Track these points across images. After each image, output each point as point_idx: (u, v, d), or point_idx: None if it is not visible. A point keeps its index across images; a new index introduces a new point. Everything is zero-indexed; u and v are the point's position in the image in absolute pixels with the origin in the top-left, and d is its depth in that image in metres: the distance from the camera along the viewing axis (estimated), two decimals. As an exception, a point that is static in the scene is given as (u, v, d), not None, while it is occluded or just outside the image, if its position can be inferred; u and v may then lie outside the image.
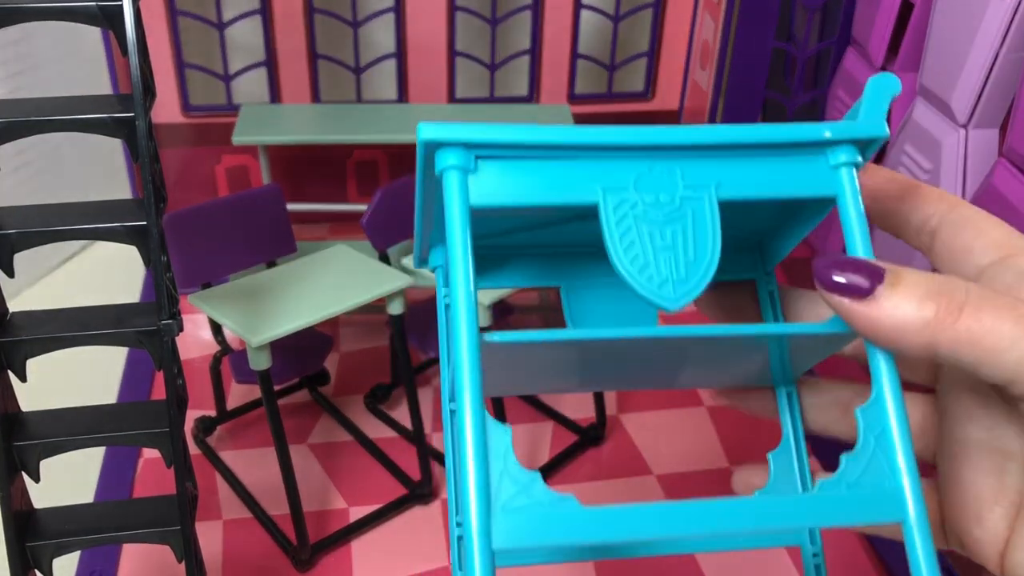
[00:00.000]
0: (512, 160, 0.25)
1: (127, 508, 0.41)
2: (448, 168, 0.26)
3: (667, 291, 0.26)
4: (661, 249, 0.26)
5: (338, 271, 0.52)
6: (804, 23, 0.73)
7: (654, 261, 0.26)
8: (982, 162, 0.53)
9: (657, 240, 0.26)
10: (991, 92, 0.51)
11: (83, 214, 0.35)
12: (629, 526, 0.25)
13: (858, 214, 0.27)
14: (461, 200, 0.25)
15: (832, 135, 0.26)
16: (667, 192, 0.26)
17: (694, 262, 0.26)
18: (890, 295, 0.25)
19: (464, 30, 0.76)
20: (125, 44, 0.33)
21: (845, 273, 0.26)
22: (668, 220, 0.26)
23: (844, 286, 0.26)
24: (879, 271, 0.25)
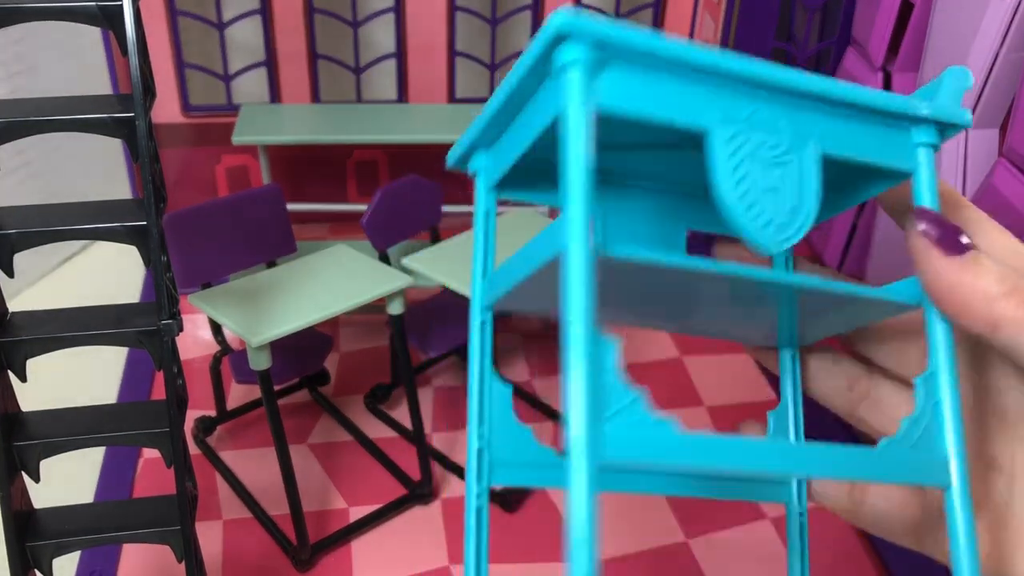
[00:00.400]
0: (638, 69, 0.24)
1: (127, 508, 0.41)
2: (573, 62, 0.23)
3: (769, 233, 0.26)
4: (768, 190, 0.26)
5: (338, 271, 0.52)
6: (804, 23, 0.73)
7: (760, 200, 0.26)
8: (982, 162, 0.53)
9: (762, 181, 0.26)
10: (991, 92, 0.51)
11: (83, 214, 0.35)
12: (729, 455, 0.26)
13: (931, 193, 0.28)
14: (583, 98, 0.23)
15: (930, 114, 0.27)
16: (775, 135, 0.26)
17: (798, 207, 0.27)
18: (976, 261, 0.26)
19: (464, 30, 0.76)
20: (125, 44, 0.33)
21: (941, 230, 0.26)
22: (776, 163, 0.26)
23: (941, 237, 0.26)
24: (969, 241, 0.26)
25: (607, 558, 0.52)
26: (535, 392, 0.64)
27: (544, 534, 0.53)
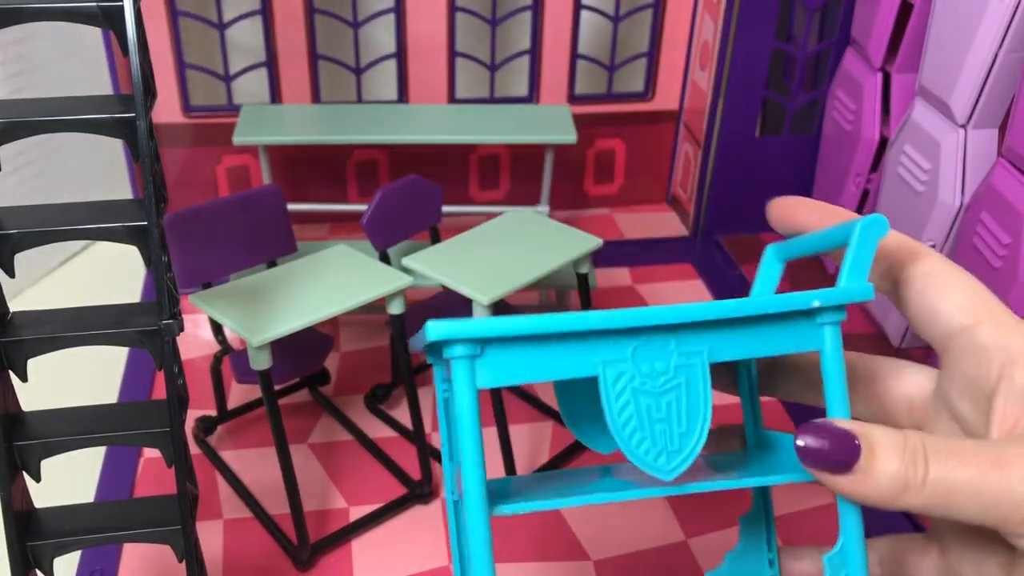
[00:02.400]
0: (514, 348, 0.27)
1: (128, 508, 0.41)
2: (456, 357, 0.27)
3: (662, 463, 0.28)
4: (657, 421, 0.28)
5: (338, 271, 0.52)
6: (804, 23, 0.73)
7: (650, 434, 0.28)
8: (981, 162, 0.53)
9: (653, 412, 0.28)
10: (990, 92, 0.52)
11: (84, 214, 0.35)
12: None
13: (838, 369, 0.29)
14: (469, 384, 0.27)
15: (821, 303, 0.29)
16: (662, 361, 0.28)
17: (687, 433, 0.29)
18: (867, 469, 0.27)
19: (464, 30, 0.76)
20: (126, 44, 0.33)
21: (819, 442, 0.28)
22: (663, 390, 0.28)
23: (823, 460, 0.28)
24: (855, 447, 0.28)
25: (607, 558, 0.52)
26: (535, 392, 0.64)
27: (544, 534, 0.53)
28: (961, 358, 0.30)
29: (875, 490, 0.27)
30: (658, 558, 0.52)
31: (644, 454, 0.28)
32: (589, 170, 0.85)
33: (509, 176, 0.83)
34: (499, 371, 0.27)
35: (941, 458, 0.27)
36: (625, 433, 0.28)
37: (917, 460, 0.27)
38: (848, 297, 0.29)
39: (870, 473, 0.27)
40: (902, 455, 0.27)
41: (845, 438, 0.28)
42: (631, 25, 0.80)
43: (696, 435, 0.29)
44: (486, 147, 0.81)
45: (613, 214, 0.87)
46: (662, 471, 0.28)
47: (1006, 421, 0.29)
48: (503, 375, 0.27)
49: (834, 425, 0.28)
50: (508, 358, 0.27)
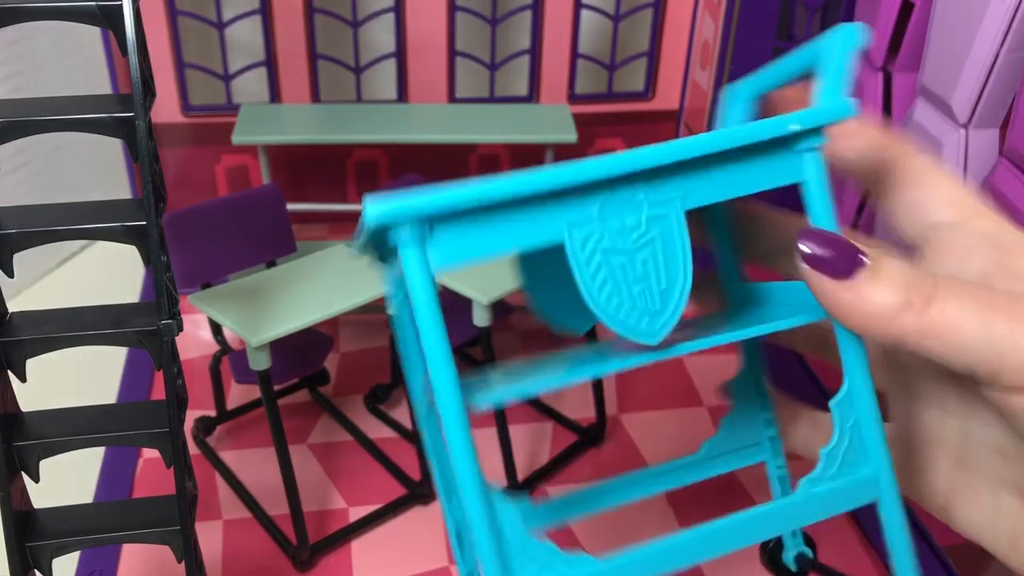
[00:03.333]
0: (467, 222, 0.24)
1: (127, 508, 0.41)
2: (404, 243, 0.24)
3: (644, 325, 0.26)
4: (634, 281, 0.26)
5: (338, 271, 0.52)
6: (804, 23, 0.73)
7: (629, 297, 0.26)
8: (983, 162, 0.53)
9: (629, 272, 0.26)
10: (991, 92, 0.51)
11: (83, 214, 0.35)
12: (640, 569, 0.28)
13: (824, 197, 0.27)
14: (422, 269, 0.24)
15: (801, 126, 0.26)
16: (633, 214, 0.25)
17: (668, 290, 0.26)
18: (868, 281, 0.25)
19: (464, 30, 0.76)
20: (125, 44, 0.33)
21: (828, 250, 0.26)
22: (637, 246, 0.26)
23: (825, 263, 0.26)
24: (860, 256, 0.26)
25: (607, 558, 0.52)
26: (535, 392, 0.64)
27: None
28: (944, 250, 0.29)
29: (872, 306, 0.25)
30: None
31: (625, 318, 0.26)
32: (589, 170, 0.85)
33: (509, 176, 0.83)
34: (453, 250, 0.24)
35: (951, 293, 0.25)
36: (601, 299, 0.25)
37: (924, 287, 0.25)
38: (829, 116, 0.26)
39: (870, 285, 0.25)
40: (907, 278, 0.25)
41: (851, 247, 0.26)
42: (631, 25, 0.79)
43: (678, 291, 0.26)
44: (486, 147, 0.81)
45: (613, 214, 0.87)
46: (646, 334, 0.26)
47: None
48: (458, 254, 0.24)
49: (840, 237, 0.26)
50: (461, 235, 0.24)
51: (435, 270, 0.24)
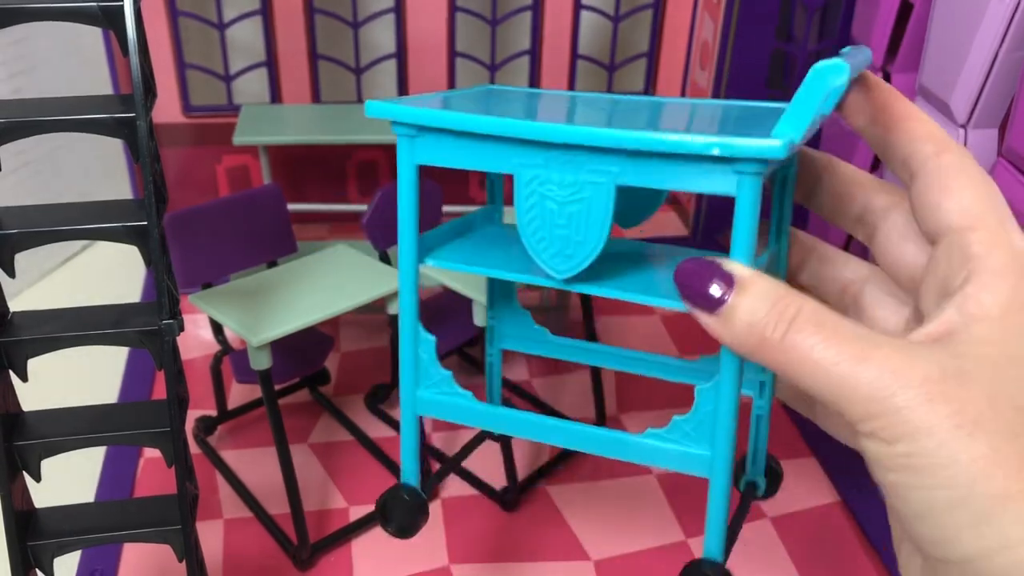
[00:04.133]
0: (446, 136, 0.32)
1: (128, 508, 0.41)
2: (400, 135, 0.33)
3: (557, 262, 0.31)
4: (557, 227, 0.31)
5: (338, 271, 0.52)
6: (804, 23, 0.73)
7: (549, 236, 0.31)
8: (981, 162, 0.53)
9: (556, 218, 0.31)
10: (990, 92, 0.52)
11: (84, 214, 0.35)
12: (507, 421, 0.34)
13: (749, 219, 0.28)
14: (408, 158, 0.33)
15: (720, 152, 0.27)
16: (572, 174, 0.30)
17: (583, 243, 0.31)
18: (729, 313, 0.27)
19: (464, 30, 0.76)
20: (126, 44, 0.33)
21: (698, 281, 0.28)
22: (568, 200, 0.30)
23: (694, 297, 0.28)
24: (729, 283, 0.27)
25: (607, 558, 0.52)
26: (535, 392, 0.64)
27: (544, 534, 0.53)
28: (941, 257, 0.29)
29: (732, 336, 0.27)
30: (658, 558, 0.52)
31: (542, 251, 0.31)
32: (589, 170, 0.85)
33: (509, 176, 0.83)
34: (432, 153, 0.32)
35: (808, 328, 0.26)
36: (529, 230, 0.31)
37: (782, 318, 0.26)
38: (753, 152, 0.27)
39: (732, 317, 0.27)
40: (769, 306, 0.27)
41: (723, 277, 0.27)
42: (631, 25, 0.80)
43: (590, 247, 0.30)
44: (486, 147, 0.81)
45: (613, 214, 0.87)
46: (555, 271, 0.31)
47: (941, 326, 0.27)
48: (436, 157, 0.32)
49: (716, 263, 0.28)
50: (441, 144, 0.32)
51: (416, 161, 0.32)
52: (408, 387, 0.35)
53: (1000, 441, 0.24)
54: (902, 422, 0.25)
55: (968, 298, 0.27)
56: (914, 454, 0.25)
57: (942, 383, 0.25)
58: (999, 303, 0.27)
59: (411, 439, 0.36)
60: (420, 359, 0.35)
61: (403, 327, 0.34)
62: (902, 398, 0.25)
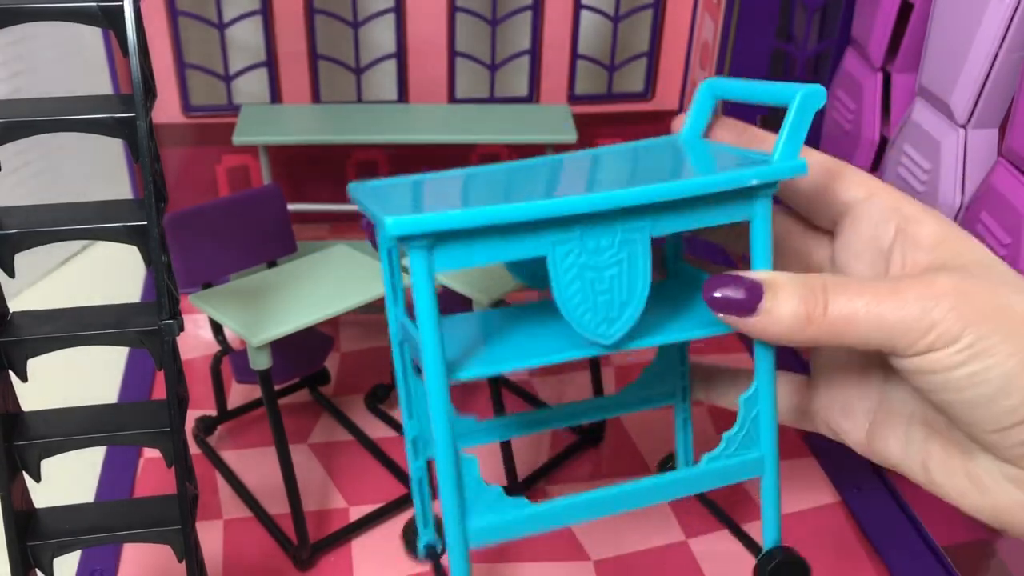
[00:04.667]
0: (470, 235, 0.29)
1: (128, 508, 0.41)
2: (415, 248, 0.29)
3: (602, 329, 0.31)
4: (600, 293, 0.31)
5: (338, 271, 0.52)
6: (804, 23, 0.73)
7: (593, 305, 0.31)
8: (981, 162, 0.53)
9: (597, 285, 0.31)
10: (990, 92, 0.52)
11: (84, 214, 0.35)
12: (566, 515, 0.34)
13: (766, 235, 0.32)
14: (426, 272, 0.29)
15: (759, 181, 0.31)
16: (608, 238, 0.30)
17: (627, 303, 0.31)
18: (771, 307, 0.31)
19: (464, 30, 0.76)
20: (126, 44, 0.33)
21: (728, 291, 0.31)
22: (608, 264, 0.31)
23: (731, 306, 0.31)
24: (758, 285, 0.31)
25: (607, 558, 0.52)
26: (535, 392, 0.64)
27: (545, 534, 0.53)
28: (858, 225, 0.34)
29: (780, 326, 0.31)
30: (658, 558, 0.52)
31: (588, 323, 0.31)
32: (589, 170, 0.85)
33: (509, 176, 0.83)
34: (455, 258, 0.29)
35: (840, 290, 0.30)
36: (571, 304, 0.31)
37: (817, 294, 0.30)
38: (784, 174, 0.31)
39: (774, 311, 0.31)
40: (802, 292, 0.31)
41: (750, 284, 0.31)
42: (631, 25, 0.79)
43: (635, 303, 0.32)
44: (486, 147, 0.81)
45: (613, 214, 0.87)
46: (603, 336, 0.32)
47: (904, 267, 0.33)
48: (458, 261, 0.29)
49: (739, 274, 0.31)
50: (463, 245, 0.29)
51: (436, 270, 0.29)
52: (454, 519, 0.31)
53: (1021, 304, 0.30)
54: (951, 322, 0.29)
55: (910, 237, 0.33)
56: (973, 343, 0.29)
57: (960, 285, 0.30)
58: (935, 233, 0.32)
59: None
60: (465, 484, 0.31)
61: (440, 453, 0.31)
62: (945, 304, 0.29)
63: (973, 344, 0.29)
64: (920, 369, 0.30)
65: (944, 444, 0.33)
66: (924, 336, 0.30)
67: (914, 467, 0.34)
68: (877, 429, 0.35)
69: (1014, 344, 0.29)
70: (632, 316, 0.32)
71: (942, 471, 0.33)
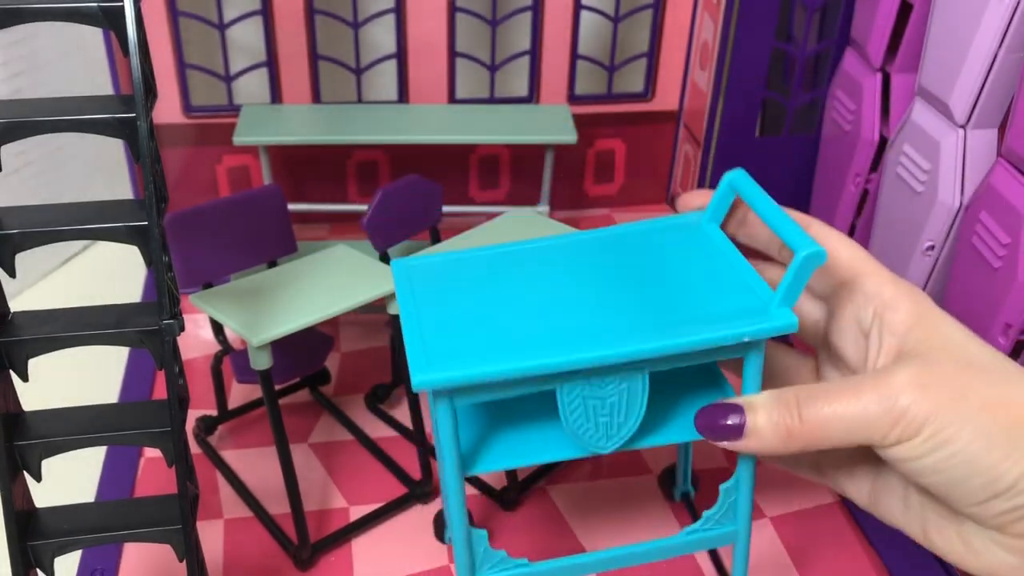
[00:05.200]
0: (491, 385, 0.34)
1: (128, 507, 0.41)
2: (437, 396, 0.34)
3: (600, 443, 0.37)
4: (600, 415, 0.36)
5: (338, 271, 0.53)
6: (804, 23, 0.73)
7: (594, 425, 0.36)
8: (981, 163, 0.53)
9: (599, 410, 0.35)
10: (990, 92, 0.52)
11: (85, 214, 0.35)
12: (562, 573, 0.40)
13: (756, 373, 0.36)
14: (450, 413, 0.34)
15: (751, 338, 0.34)
16: (612, 377, 0.35)
17: (623, 423, 0.36)
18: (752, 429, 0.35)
19: (464, 30, 0.76)
20: (126, 45, 0.33)
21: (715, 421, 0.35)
22: (610, 395, 0.35)
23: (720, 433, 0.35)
24: (739, 409, 0.35)
25: (607, 557, 0.52)
26: (535, 392, 0.64)
27: (544, 533, 0.53)
28: (845, 307, 0.37)
29: (766, 442, 0.34)
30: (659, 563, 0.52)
31: (588, 438, 0.36)
32: (589, 170, 0.85)
33: (509, 176, 0.83)
34: (474, 398, 0.34)
35: (810, 402, 0.34)
36: (575, 424, 0.36)
37: (791, 409, 0.34)
38: (775, 331, 0.35)
39: (756, 431, 0.34)
40: (778, 407, 0.34)
41: (732, 408, 0.35)
42: (631, 25, 0.80)
43: (631, 425, 0.36)
44: (486, 147, 0.81)
45: (613, 214, 0.87)
46: (600, 448, 0.37)
47: (879, 350, 0.36)
48: (478, 398, 0.34)
49: (722, 402, 0.36)
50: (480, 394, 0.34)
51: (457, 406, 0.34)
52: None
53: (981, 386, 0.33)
54: (912, 415, 0.32)
55: (886, 323, 0.36)
56: (935, 433, 0.32)
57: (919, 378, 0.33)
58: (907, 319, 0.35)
59: None
60: (475, 553, 0.38)
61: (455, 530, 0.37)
62: (904, 399, 0.32)
63: (935, 434, 0.32)
64: (896, 458, 0.33)
65: (938, 511, 0.35)
66: (891, 430, 0.32)
67: (915, 530, 0.37)
68: (879, 494, 0.38)
69: (973, 428, 0.32)
70: (628, 433, 0.36)
71: (939, 535, 0.35)
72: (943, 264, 0.55)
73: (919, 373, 0.33)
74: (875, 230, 0.63)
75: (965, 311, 0.51)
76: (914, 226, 0.57)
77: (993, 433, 0.32)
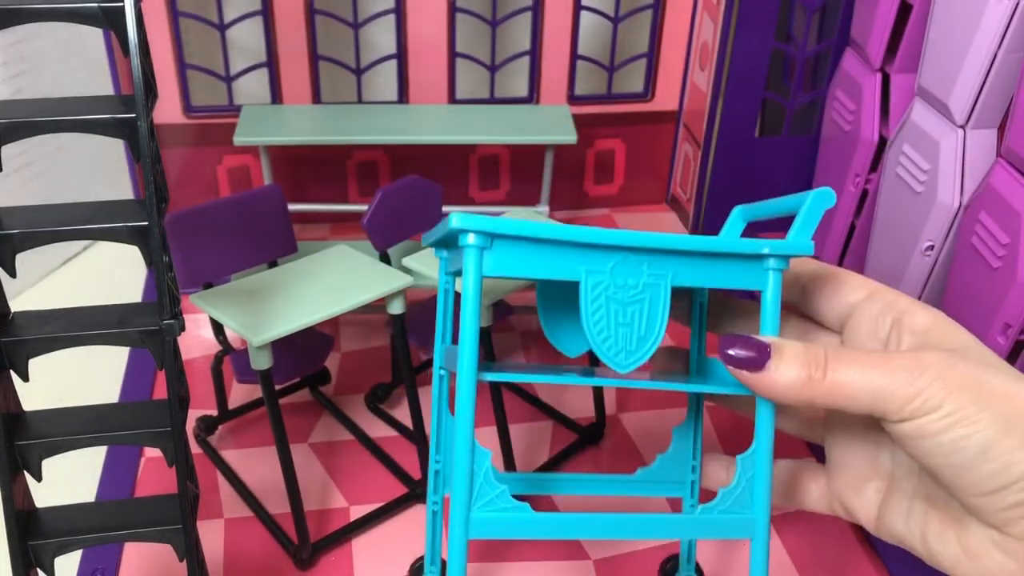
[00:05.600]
0: (516, 245, 0.33)
1: (129, 507, 0.41)
2: (469, 247, 0.33)
3: (620, 359, 0.35)
4: (621, 325, 0.35)
5: (338, 271, 0.53)
6: (803, 24, 0.73)
7: (614, 334, 0.35)
8: (980, 163, 0.53)
9: (619, 317, 0.35)
10: (989, 93, 0.52)
11: (85, 214, 0.35)
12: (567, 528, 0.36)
13: (774, 305, 0.36)
14: (476, 271, 0.33)
15: (770, 251, 0.35)
16: (634, 277, 0.35)
17: (644, 337, 0.35)
18: (775, 368, 0.34)
19: (464, 31, 0.76)
20: (127, 45, 0.33)
21: (740, 350, 0.35)
22: (631, 301, 0.35)
23: (742, 362, 0.35)
24: (766, 346, 0.35)
25: (607, 557, 0.52)
26: (535, 391, 0.64)
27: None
28: (861, 321, 0.38)
29: (783, 383, 0.34)
30: (658, 558, 0.52)
31: (607, 350, 0.35)
32: (589, 170, 0.85)
33: (509, 176, 0.83)
34: (502, 264, 0.33)
35: (838, 359, 0.34)
36: (595, 331, 0.35)
37: (819, 361, 0.34)
38: (792, 249, 0.35)
39: (778, 371, 0.34)
40: (805, 358, 0.34)
41: (760, 345, 0.35)
42: (631, 25, 0.80)
43: (651, 341, 0.35)
44: (486, 147, 0.81)
45: (613, 214, 0.87)
46: (619, 365, 0.35)
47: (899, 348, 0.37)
48: (505, 268, 0.33)
49: (751, 336, 0.36)
50: (510, 254, 0.33)
51: (485, 274, 0.33)
52: (461, 508, 0.34)
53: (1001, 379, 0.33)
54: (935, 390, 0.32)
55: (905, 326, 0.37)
56: (956, 410, 0.32)
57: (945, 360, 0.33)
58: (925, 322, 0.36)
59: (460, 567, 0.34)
60: (475, 474, 0.34)
61: (459, 441, 0.34)
62: (930, 373, 0.33)
63: (954, 412, 0.32)
64: (909, 434, 0.33)
65: (941, 517, 0.36)
66: (910, 402, 0.33)
67: (914, 539, 0.37)
68: (885, 506, 0.38)
69: (992, 414, 0.32)
70: (648, 351, 0.35)
71: (938, 541, 0.36)
72: (943, 264, 0.56)
73: (946, 357, 0.34)
74: (875, 230, 0.63)
75: (964, 311, 0.51)
76: (914, 226, 0.57)
77: (1012, 419, 0.32)
